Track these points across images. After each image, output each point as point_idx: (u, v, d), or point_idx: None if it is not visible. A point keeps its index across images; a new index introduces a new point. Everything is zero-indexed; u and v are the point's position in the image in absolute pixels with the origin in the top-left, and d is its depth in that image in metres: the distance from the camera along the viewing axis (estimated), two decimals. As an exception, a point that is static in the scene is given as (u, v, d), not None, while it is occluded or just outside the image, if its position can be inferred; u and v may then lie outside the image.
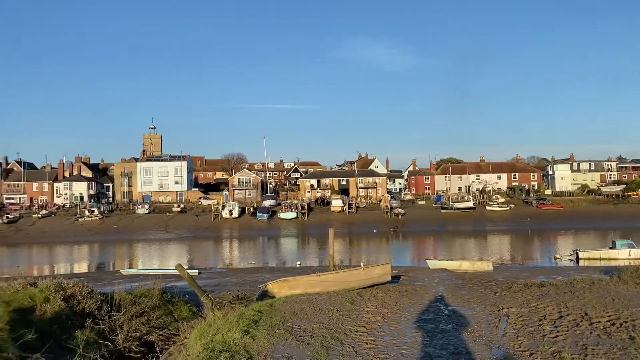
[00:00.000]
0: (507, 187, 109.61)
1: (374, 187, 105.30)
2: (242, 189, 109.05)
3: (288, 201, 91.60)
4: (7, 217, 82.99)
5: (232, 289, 19.98)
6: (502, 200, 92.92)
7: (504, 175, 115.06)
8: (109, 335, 11.65)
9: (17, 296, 11.76)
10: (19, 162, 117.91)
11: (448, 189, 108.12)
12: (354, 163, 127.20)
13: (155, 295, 14.07)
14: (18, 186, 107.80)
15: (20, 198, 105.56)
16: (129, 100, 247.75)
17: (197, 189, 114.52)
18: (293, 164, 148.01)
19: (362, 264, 18.81)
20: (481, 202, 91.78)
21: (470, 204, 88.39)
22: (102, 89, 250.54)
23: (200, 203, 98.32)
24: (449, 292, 15.54)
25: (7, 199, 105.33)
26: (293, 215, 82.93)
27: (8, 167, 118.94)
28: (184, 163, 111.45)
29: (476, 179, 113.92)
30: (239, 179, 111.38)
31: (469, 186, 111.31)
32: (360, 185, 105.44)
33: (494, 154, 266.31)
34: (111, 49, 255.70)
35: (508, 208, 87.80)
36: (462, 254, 45.30)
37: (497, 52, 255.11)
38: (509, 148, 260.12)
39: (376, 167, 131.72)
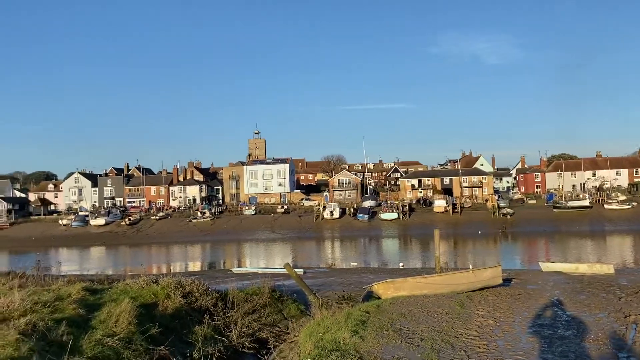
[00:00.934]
0: (628, 184, 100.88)
1: (480, 187, 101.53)
2: (342, 190, 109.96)
3: (388, 202, 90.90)
4: (129, 219, 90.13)
5: (337, 289, 20.18)
6: (622, 197, 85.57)
7: (624, 171, 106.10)
8: (224, 331, 12.25)
9: (142, 292, 12.71)
10: (139, 168, 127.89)
11: (560, 186, 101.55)
12: (457, 162, 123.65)
13: (266, 293, 14.58)
14: (138, 190, 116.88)
15: (140, 201, 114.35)
16: (235, 107, 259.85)
17: (299, 191, 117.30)
18: (393, 164, 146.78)
19: (470, 266, 18.20)
20: (598, 200, 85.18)
21: (586, 202, 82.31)
22: (211, 95, 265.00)
23: (302, 204, 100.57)
24: (565, 296, 14.60)
25: (129, 202, 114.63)
26: (394, 215, 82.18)
27: (129, 172, 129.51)
28: (287, 166, 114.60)
29: (592, 175, 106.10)
30: (339, 180, 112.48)
31: (584, 183, 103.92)
32: (464, 184, 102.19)
33: (613, 149, 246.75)
34: (217, 56, 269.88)
35: (630, 206, 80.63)
36: (578, 256, 42.32)
37: (611, 40, 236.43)
38: (629, 141, 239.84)
39: (481, 165, 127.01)
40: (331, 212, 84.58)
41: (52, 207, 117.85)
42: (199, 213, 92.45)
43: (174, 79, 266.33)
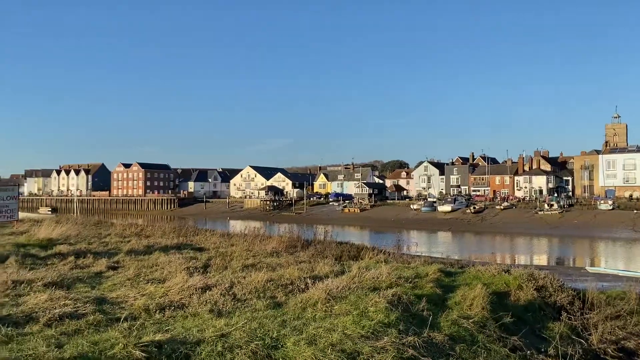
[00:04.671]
0: None
1: None
2: None
3: None
4: (474, 208, 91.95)
5: None
6: None
7: None
8: (581, 332, 11.29)
9: (494, 280, 12.75)
10: (483, 157, 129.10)
11: None
12: None
13: (633, 299, 12.79)
14: (482, 179, 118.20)
15: (484, 190, 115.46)
16: (588, 87, 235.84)
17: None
18: None
19: None
20: None
21: None
22: (560, 77, 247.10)
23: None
24: None
25: (473, 190, 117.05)
26: None
27: (474, 162, 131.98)
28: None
29: None
30: None
31: None
32: None
33: None
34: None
35: None
36: None
37: None
38: None
39: None
40: None
41: (404, 192, 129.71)
42: (545, 205, 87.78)
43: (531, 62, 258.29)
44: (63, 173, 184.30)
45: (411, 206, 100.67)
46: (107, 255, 15.62)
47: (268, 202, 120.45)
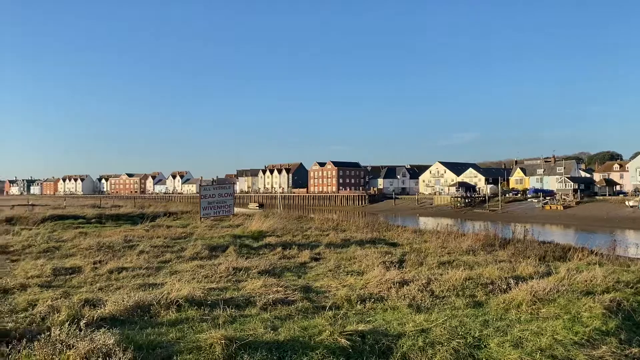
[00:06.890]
0: None
1: None
2: None
3: None
4: None
5: None
6: None
7: None
8: None
9: None
10: None
11: None
12: None
13: None
14: None
15: None
16: None
17: None
18: None
19: None
20: None
21: None
22: None
23: None
24: None
25: None
26: None
27: None
28: None
29: None
30: None
31: None
32: None
33: None
34: None
35: None
36: None
37: None
38: None
39: None
40: None
41: (617, 187, 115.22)
42: None
43: None
44: (268, 172, 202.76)
45: (626, 202, 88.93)
46: (309, 247, 16.74)
47: (459, 199, 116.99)
